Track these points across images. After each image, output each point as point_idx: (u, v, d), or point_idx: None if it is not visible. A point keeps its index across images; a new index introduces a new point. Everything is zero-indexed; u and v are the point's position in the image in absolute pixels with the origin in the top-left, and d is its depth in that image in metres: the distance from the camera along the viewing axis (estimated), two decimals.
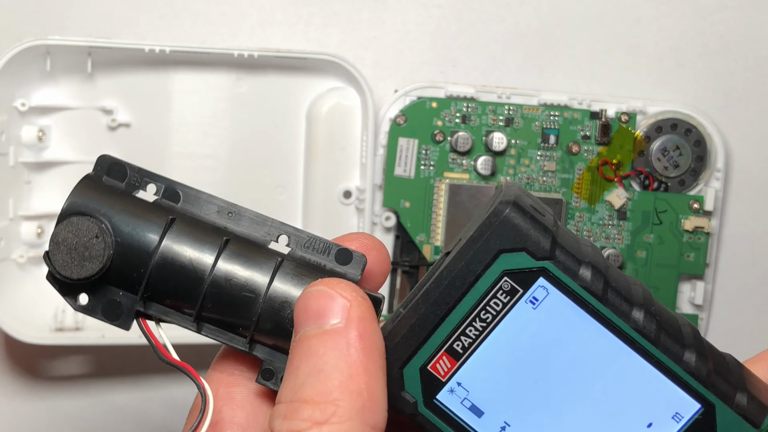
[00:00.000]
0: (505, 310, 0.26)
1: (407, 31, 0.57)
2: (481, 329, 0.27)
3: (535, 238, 0.26)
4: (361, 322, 0.26)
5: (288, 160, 0.57)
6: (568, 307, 0.26)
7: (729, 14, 0.58)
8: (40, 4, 0.55)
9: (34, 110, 0.54)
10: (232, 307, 0.28)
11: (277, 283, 0.28)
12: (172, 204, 0.29)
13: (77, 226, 0.28)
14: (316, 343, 0.26)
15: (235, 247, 0.28)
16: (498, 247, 0.26)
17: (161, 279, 0.28)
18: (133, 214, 0.28)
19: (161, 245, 0.28)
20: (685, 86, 0.58)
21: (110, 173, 0.29)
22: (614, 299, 0.27)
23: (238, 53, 0.53)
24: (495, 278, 0.26)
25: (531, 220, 0.26)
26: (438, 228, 0.56)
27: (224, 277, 0.28)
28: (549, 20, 0.58)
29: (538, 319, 0.26)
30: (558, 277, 0.26)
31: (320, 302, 0.26)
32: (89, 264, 0.28)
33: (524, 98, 0.56)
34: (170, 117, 0.56)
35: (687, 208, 0.57)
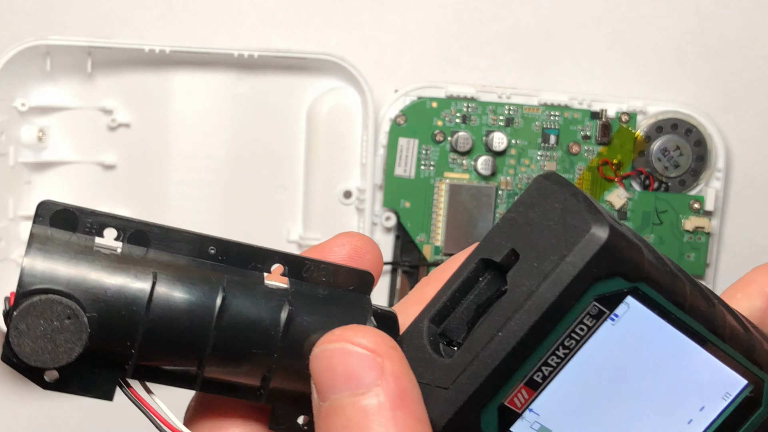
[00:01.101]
0: (589, 334, 0.24)
1: (407, 31, 0.57)
2: (564, 356, 0.24)
3: (630, 261, 0.24)
4: (399, 380, 0.23)
5: (288, 160, 0.57)
6: (652, 321, 0.25)
7: (729, 14, 0.58)
8: (40, 4, 0.55)
9: (34, 110, 0.54)
10: (240, 366, 0.24)
11: (290, 332, 0.24)
12: (142, 250, 0.24)
13: (42, 309, 0.23)
14: (355, 413, 0.23)
15: (233, 296, 0.24)
16: (594, 276, 0.24)
17: (153, 348, 0.24)
18: (106, 277, 0.23)
19: (150, 312, 0.23)
20: (686, 86, 0.58)
21: (57, 223, 0.24)
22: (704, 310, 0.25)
23: (238, 53, 0.53)
24: (585, 306, 0.24)
25: (624, 241, 0.24)
26: (438, 228, 0.56)
27: (230, 336, 0.24)
28: (549, 20, 0.57)
29: (616, 334, 0.25)
30: (650, 296, 0.24)
31: (347, 363, 0.23)
32: (64, 351, 0.23)
33: (524, 98, 0.56)
34: (170, 117, 0.56)
35: (687, 208, 0.57)
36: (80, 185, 0.55)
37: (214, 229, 0.62)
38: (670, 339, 0.25)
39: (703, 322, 0.25)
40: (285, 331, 0.24)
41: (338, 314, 0.25)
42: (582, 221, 0.24)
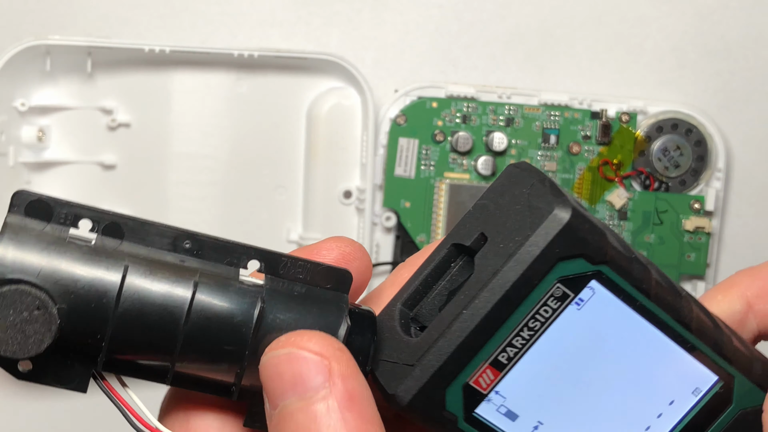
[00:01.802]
0: (554, 316, 0.25)
1: (407, 31, 0.57)
2: (528, 338, 0.25)
3: (593, 243, 0.24)
4: (346, 381, 0.23)
5: (288, 160, 0.57)
6: (616, 307, 0.25)
7: (729, 14, 0.58)
8: (40, 4, 0.55)
9: (33, 110, 0.54)
10: (212, 362, 0.24)
11: (262, 330, 0.24)
12: (116, 242, 0.24)
13: (11, 300, 0.23)
14: (305, 418, 0.22)
15: (206, 291, 0.24)
16: (557, 256, 0.24)
17: (123, 341, 0.23)
18: (76, 268, 0.23)
19: (119, 304, 0.23)
20: (686, 86, 0.58)
21: (31, 213, 0.24)
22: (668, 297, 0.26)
23: (238, 53, 0.53)
24: (548, 286, 0.24)
25: (589, 224, 0.25)
26: (438, 228, 0.56)
27: (201, 330, 0.24)
28: (549, 20, 0.57)
29: (582, 319, 0.25)
30: (612, 278, 0.25)
31: (294, 367, 0.23)
32: (33, 342, 0.23)
33: (524, 98, 0.56)
34: (170, 117, 0.56)
35: (688, 208, 0.57)
36: (80, 185, 0.55)
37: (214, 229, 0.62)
38: (637, 328, 0.25)
39: (670, 312, 0.26)
40: (257, 329, 0.24)
41: (313, 312, 0.25)
42: (546, 203, 0.24)
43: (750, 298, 0.29)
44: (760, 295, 0.28)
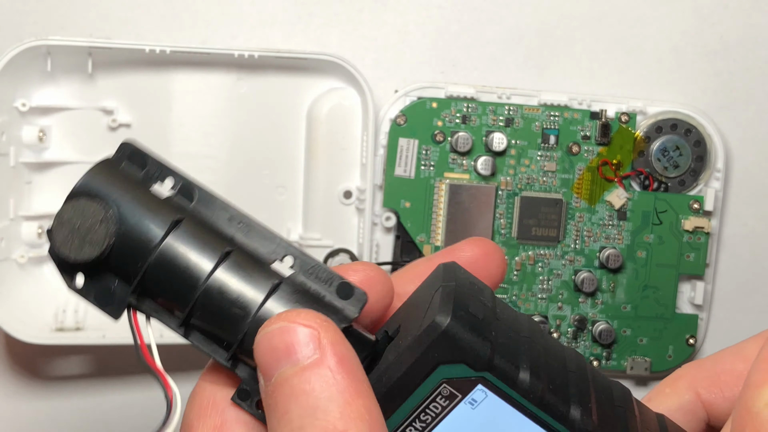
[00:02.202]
0: (445, 412, 0.26)
1: (407, 32, 0.57)
2: (421, 429, 0.26)
3: (473, 352, 0.26)
4: (335, 346, 0.25)
5: (288, 160, 0.57)
6: (506, 411, 0.26)
7: (729, 14, 0.58)
8: (40, 5, 0.55)
9: (34, 110, 0.54)
10: (220, 321, 0.27)
11: (269, 304, 0.27)
12: (185, 203, 0.28)
13: (84, 207, 0.27)
14: (300, 381, 0.24)
15: (235, 260, 0.28)
16: (436, 360, 0.26)
17: (156, 278, 0.27)
18: (143, 206, 0.27)
19: (162, 244, 0.27)
20: (685, 86, 0.59)
21: (130, 160, 0.29)
22: (552, 401, 0.26)
23: (239, 53, 0.53)
24: (433, 386, 0.26)
25: (470, 332, 0.26)
26: (438, 228, 0.56)
27: (218, 289, 0.27)
28: (549, 20, 0.58)
29: (477, 418, 0.26)
30: (497, 385, 0.26)
31: (285, 338, 0.25)
32: (88, 248, 0.27)
33: (524, 98, 0.56)
34: (170, 117, 0.56)
35: (687, 209, 0.57)
36: None
37: None
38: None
39: (563, 421, 0.26)
40: (262, 304, 0.27)
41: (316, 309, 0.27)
42: (435, 310, 0.26)
43: (698, 388, 0.30)
44: (707, 385, 0.30)
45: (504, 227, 0.57)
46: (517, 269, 0.57)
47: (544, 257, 0.57)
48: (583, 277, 0.57)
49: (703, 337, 0.59)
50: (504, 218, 0.56)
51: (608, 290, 0.57)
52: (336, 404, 0.24)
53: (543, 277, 0.57)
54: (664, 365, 0.58)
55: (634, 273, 0.57)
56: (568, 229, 0.57)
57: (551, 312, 0.57)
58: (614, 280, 0.57)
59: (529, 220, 0.56)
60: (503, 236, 0.57)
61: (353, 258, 0.56)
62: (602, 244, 0.57)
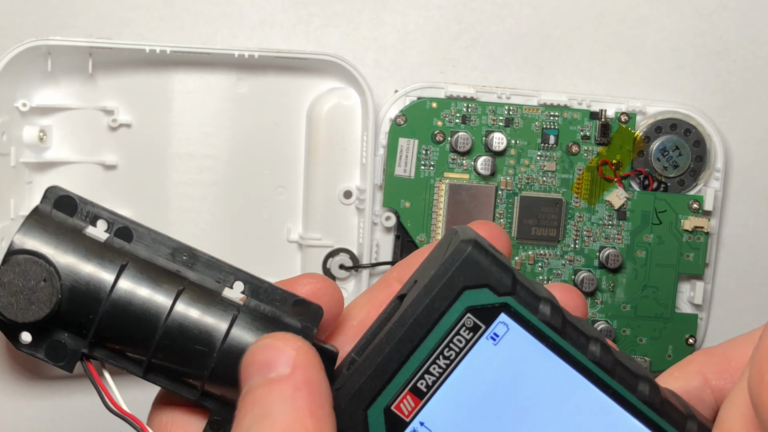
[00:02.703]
0: (468, 346, 0.27)
1: (407, 32, 0.57)
2: (445, 367, 0.27)
3: (497, 274, 0.27)
4: (306, 369, 0.26)
5: (288, 160, 0.57)
6: (528, 342, 0.27)
7: (728, 14, 0.58)
8: (41, 5, 0.56)
9: (35, 110, 0.54)
10: (184, 359, 0.27)
11: (232, 337, 0.27)
12: (123, 243, 0.28)
13: (24, 268, 0.26)
14: (261, 393, 0.25)
15: (189, 297, 0.27)
16: (462, 283, 0.26)
17: (111, 326, 0.27)
18: (84, 256, 0.27)
19: (113, 292, 0.27)
20: (685, 86, 0.59)
21: (59, 206, 0.28)
22: (572, 333, 0.27)
23: (239, 53, 0.53)
24: (458, 315, 0.26)
25: (492, 258, 0.27)
26: (438, 228, 0.56)
27: (178, 329, 0.27)
28: (549, 20, 0.58)
29: (499, 355, 0.27)
30: (519, 312, 0.27)
31: (265, 354, 0.26)
32: (35, 309, 0.26)
33: (524, 98, 0.56)
34: (171, 117, 0.56)
35: (686, 208, 0.57)
36: (81, 185, 0.56)
37: (215, 229, 0.62)
38: (553, 367, 0.27)
39: (584, 352, 0.27)
40: (225, 337, 0.27)
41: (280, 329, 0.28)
42: (455, 242, 0.27)
43: (707, 374, 0.30)
44: (716, 371, 0.30)
45: (504, 227, 0.57)
46: (517, 269, 0.57)
47: (543, 257, 0.57)
48: (583, 276, 0.57)
49: (702, 337, 0.59)
50: (504, 218, 0.57)
51: (608, 290, 0.58)
52: (286, 418, 0.24)
53: (543, 277, 0.57)
54: (664, 365, 0.58)
55: (633, 273, 0.57)
56: (567, 228, 0.57)
57: None
58: (614, 280, 0.57)
59: (528, 219, 0.57)
60: None
61: (353, 258, 0.57)
62: (602, 243, 0.57)
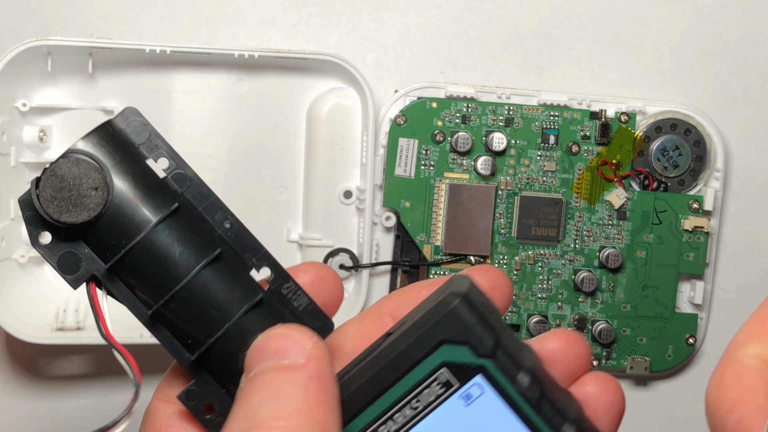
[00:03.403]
0: (438, 401, 0.26)
1: (407, 32, 0.57)
2: (410, 417, 0.26)
3: (479, 334, 0.26)
4: (320, 362, 0.25)
5: (288, 160, 0.57)
6: (501, 410, 0.26)
7: (728, 14, 0.58)
8: (41, 5, 0.56)
9: (35, 110, 0.54)
10: (194, 318, 0.26)
11: (248, 317, 0.26)
12: (178, 188, 0.27)
13: (82, 169, 0.26)
14: (273, 376, 0.25)
15: (222, 263, 0.27)
16: (441, 336, 0.26)
17: (137, 261, 0.26)
18: (141, 184, 0.26)
19: (153, 230, 0.26)
20: (685, 86, 0.59)
21: (131, 127, 0.27)
22: (548, 410, 0.26)
23: (239, 53, 0.53)
24: (433, 367, 0.26)
25: (478, 316, 0.26)
26: (438, 228, 0.56)
27: (201, 287, 0.26)
28: (549, 20, 0.58)
29: (469, 416, 0.26)
30: (496, 377, 0.26)
31: (280, 342, 0.26)
32: (75, 212, 0.25)
33: (524, 98, 0.56)
34: (171, 117, 0.56)
35: (686, 208, 0.57)
36: None
37: None
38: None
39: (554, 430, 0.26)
40: (245, 313, 0.26)
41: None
42: (446, 293, 0.26)
43: None
44: None
45: (504, 227, 0.57)
46: (517, 269, 0.57)
47: (543, 257, 0.57)
48: (583, 276, 0.57)
49: (702, 337, 0.59)
50: (504, 218, 0.57)
51: (608, 290, 0.58)
52: (298, 402, 0.24)
53: (543, 277, 0.57)
54: (664, 365, 0.58)
55: (633, 273, 0.57)
56: (567, 228, 0.57)
57: (551, 312, 0.57)
58: (614, 280, 0.57)
59: (528, 219, 0.57)
60: (503, 236, 0.57)
61: (353, 258, 0.57)
62: (602, 243, 0.57)
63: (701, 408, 0.38)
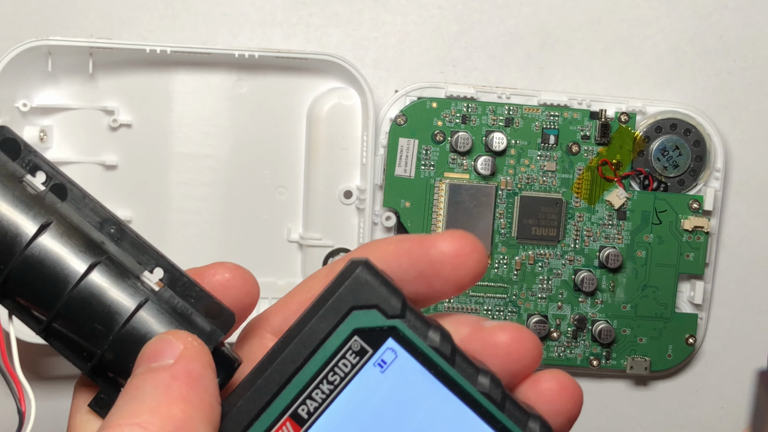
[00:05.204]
0: (354, 371, 0.25)
1: (407, 32, 0.57)
2: (328, 392, 0.25)
3: (386, 295, 0.26)
4: (190, 361, 0.25)
5: (289, 160, 0.57)
6: (416, 371, 0.25)
7: (728, 14, 0.58)
8: (41, 5, 0.56)
9: (35, 111, 0.54)
10: (82, 333, 0.26)
11: (133, 323, 0.26)
12: (56, 200, 0.27)
13: None
14: (139, 379, 0.25)
15: (103, 271, 0.27)
16: (350, 303, 0.25)
17: (20, 280, 0.26)
18: (11, 202, 0.26)
19: (28, 248, 0.26)
20: (685, 86, 0.59)
21: (3, 147, 0.27)
22: (461, 362, 0.26)
23: (239, 53, 0.53)
24: (345, 337, 0.25)
25: (382, 279, 0.26)
26: (438, 228, 0.56)
27: (82, 302, 0.26)
28: (548, 21, 0.58)
29: (386, 383, 0.25)
30: (408, 336, 0.25)
31: (156, 346, 0.26)
32: None
33: (524, 98, 0.56)
34: (171, 117, 0.56)
35: (686, 208, 0.57)
36: (82, 185, 0.55)
37: (215, 229, 0.62)
38: (441, 398, 0.25)
39: (474, 383, 0.26)
40: (127, 320, 0.26)
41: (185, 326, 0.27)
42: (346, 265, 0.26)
43: None
44: None
45: (504, 227, 0.57)
46: (517, 269, 0.57)
47: (543, 257, 0.57)
48: (583, 276, 0.57)
49: (702, 337, 0.59)
50: (504, 218, 0.57)
51: (608, 290, 0.58)
52: (154, 400, 0.24)
53: (543, 277, 0.57)
54: (664, 365, 0.58)
55: (633, 272, 0.57)
56: (567, 228, 0.57)
57: (551, 312, 0.58)
58: (614, 280, 0.58)
59: (528, 219, 0.57)
60: (503, 236, 0.57)
61: None
62: (602, 243, 0.57)
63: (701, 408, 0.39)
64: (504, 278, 0.57)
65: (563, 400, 0.27)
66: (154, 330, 0.27)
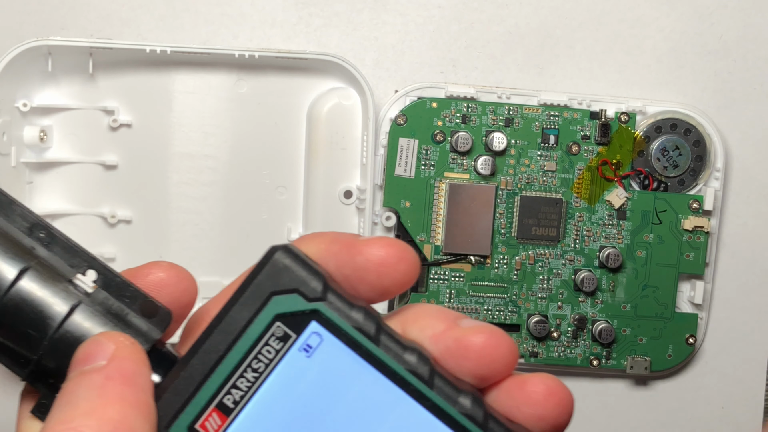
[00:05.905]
0: (278, 357, 0.25)
1: (407, 32, 0.57)
2: (253, 380, 0.25)
3: (307, 279, 0.25)
4: (123, 361, 0.25)
5: (289, 160, 0.57)
6: (342, 353, 0.25)
7: (728, 14, 0.58)
8: (41, 5, 0.56)
9: (35, 111, 0.54)
10: (15, 340, 0.26)
11: (66, 327, 0.26)
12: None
13: None
14: (72, 383, 0.25)
15: (33, 277, 0.26)
16: (270, 288, 0.25)
17: None
18: None
19: None
20: (685, 86, 0.59)
21: None
22: (386, 340, 0.25)
23: (239, 54, 0.53)
24: (267, 323, 0.25)
25: (302, 263, 0.25)
26: (438, 228, 0.56)
27: (13, 309, 0.26)
28: (549, 20, 0.58)
29: (313, 367, 0.25)
30: (331, 318, 0.25)
31: (87, 349, 0.26)
32: None
33: (524, 98, 0.56)
34: (171, 117, 0.56)
35: (686, 208, 0.57)
36: (82, 185, 0.56)
37: (215, 229, 0.62)
38: (369, 379, 0.25)
39: (401, 362, 0.25)
40: (60, 325, 0.26)
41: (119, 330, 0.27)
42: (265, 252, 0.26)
43: None
44: None
45: (504, 227, 0.57)
46: (517, 269, 0.57)
47: (543, 257, 0.57)
48: (583, 276, 0.57)
49: (702, 337, 0.59)
50: (504, 218, 0.57)
51: (608, 290, 0.58)
52: (89, 403, 0.24)
53: (543, 277, 0.57)
54: (664, 364, 0.58)
55: (633, 272, 0.57)
56: (567, 228, 0.57)
57: (551, 311, 0.58)
58: (614, 280, 0.58)
59: (528, 219, 0.57)
60: (503, 236, 0.57)
61: None
62: (602, 243, 0.57)
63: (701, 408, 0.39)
64: (504, 278, 0.57)
65: (550, 406, 0.26)
66: (89, 332, 0.26)
